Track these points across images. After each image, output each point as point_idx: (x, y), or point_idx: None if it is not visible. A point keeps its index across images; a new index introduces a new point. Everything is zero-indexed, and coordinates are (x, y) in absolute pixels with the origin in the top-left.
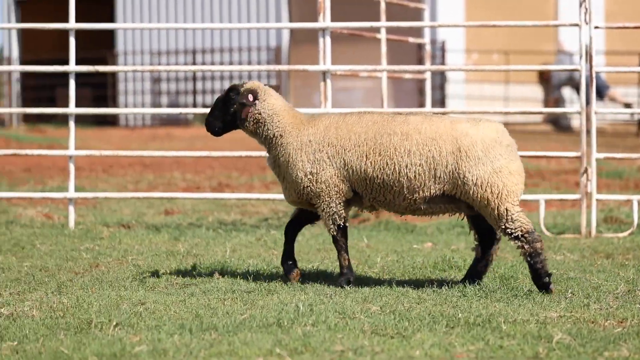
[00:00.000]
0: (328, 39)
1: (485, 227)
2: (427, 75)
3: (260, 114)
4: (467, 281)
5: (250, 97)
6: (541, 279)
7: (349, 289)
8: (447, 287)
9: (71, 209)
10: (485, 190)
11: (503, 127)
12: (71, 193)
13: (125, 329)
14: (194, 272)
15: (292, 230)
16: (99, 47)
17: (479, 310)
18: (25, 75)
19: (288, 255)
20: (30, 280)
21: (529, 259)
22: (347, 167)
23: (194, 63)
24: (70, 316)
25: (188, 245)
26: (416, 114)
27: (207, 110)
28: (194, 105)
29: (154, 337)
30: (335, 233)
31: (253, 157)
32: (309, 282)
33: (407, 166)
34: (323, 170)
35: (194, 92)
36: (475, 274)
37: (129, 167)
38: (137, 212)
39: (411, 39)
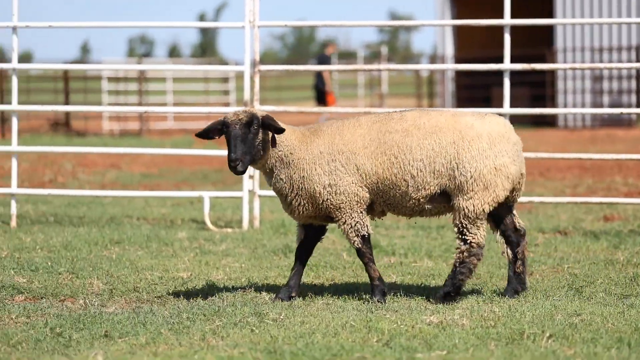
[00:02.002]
0: None
1: (509, 225)
2: None
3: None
4: (511, 292)
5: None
6: (452, 287)
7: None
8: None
9: None
10: (479, 184)
11: (510, 123)
12: None
13: (559, 341)
14: (635, 283)
15: (304, 252)
16: (537, 43)
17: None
18: (459, 74)
19: (294, 277)
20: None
21: (457, 265)
22: (360, 171)
23: (637, 60)
24: (501, 326)
25: (628, 254)
26: (415, 109)
27: None
28: (638, 105)
29: (590, 350)
30: (360, 245)
31: None
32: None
33: (409, 163)
34: (340, 179)
35: (638, 92)
36: (516, 279)
37: (567, 171)
38: (575, 218)
39: None
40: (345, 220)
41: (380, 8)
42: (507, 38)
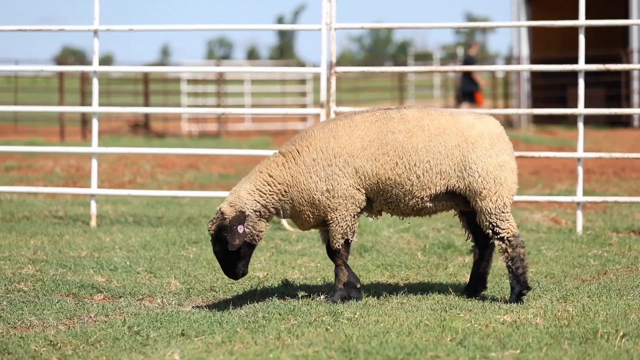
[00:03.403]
0: None
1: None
2: None
3: (253, 230)
4: (471, 290)
5: (241, 229)
6: (520, 286)
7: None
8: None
9: (579, 213)
10: (489, 181)
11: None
12: (579, 197)
13: (632, 340)
14: None
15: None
16: (612, 44)
17: None
18: (534, 75)
19: (476, 277)
20: (535, 287)
21: (510, 264)
22: (358, 174)
23: None
24: (575, 325)
25: None
26: (411, 107)
27: None
28: None
29: None
30: (340, 247)
31: None
32: None
33: (416, 164)
34: (338, 184)
35: None
36: (478, 279)
37: None
38: None
39: None
40: (338, 222)
41: (457, 9)
42: (581, 39)
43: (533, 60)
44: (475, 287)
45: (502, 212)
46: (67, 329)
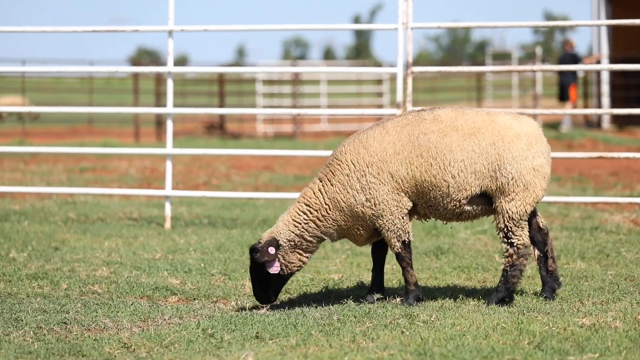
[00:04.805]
0: None
1: (534, 226)
2: None
3: (287, 258)
4: (548, 291)
5: (272, 250)
6: (505, 292)
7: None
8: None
9: None
10: (520, 185)
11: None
12: None
13: None
14: None
15: (377, 254)
16: None
17: None
18: (615, 74)
19: (375, 282)
20: (615, 290)
21: (508, 269)
22: (394, 178)
23: None
24: None
25: None
26: (445, 107)
27: None
28: None
29: None
30: (400, 250)
31: None
32: None
33: (450, 163)
34: (376, 191)
35: None
36: (551, 278)
37: None
38: None
39: None
40: (388, 227)
41: (536, 8)
42: None
43: (613, 60)
44: (552, 287)
45: (521, 219)
46: (141, 331)
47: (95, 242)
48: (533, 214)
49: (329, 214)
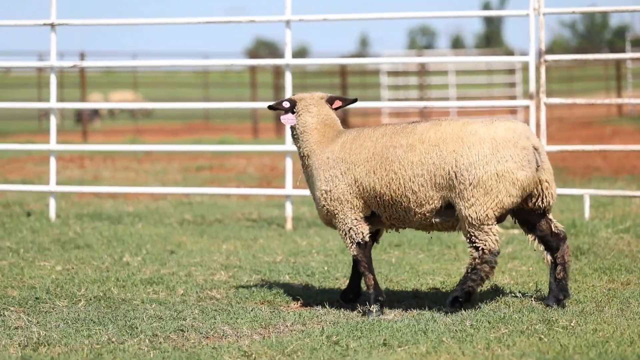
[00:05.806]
0: None
1: (546, 230)
2: None
3: (294, 128)
4: (549, 301)
5: (286, 105)
6: (460, 292)
7: (375, 311)
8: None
9: None
10: (479, 191)
11: (525, 128)
12: None
13: None
14: None
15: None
16: None
17: None
18: None
19: (350, 284)
20: None
21: (469, 272)
22: (357, 184)
23: None
24: None
25: None
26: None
27: None
28: None
29: None
30: (355, 252)
31: None
32: None
33: (410, 179)
34: (336, 186)
35: None
36: (557, 286)
37: None
38: None
39: None
40: (340, 227)
41: None
42: None
43: None
44: (556, 296)
45: (483, 224)
46: (262, 338)
47: (213, 245)
48: (543, 218)
49: None
